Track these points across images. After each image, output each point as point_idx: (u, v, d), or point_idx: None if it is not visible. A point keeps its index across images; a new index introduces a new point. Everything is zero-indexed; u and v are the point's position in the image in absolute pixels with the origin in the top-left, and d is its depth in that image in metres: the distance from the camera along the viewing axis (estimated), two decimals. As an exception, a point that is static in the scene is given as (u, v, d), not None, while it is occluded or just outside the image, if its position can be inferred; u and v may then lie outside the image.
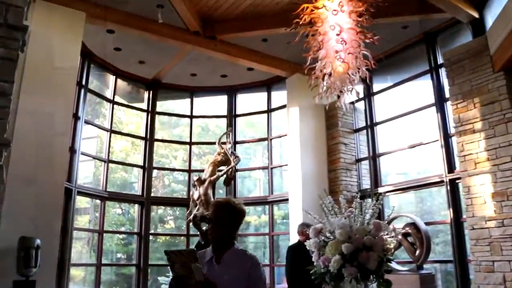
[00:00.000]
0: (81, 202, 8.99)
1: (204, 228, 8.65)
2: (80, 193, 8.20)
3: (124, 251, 11.12)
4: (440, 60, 7.95)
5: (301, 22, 4.86)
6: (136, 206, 9.72)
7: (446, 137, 7.61)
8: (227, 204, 2.82)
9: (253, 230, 11.39)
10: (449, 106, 7.38)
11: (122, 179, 11.38)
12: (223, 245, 2.77)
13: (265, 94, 10.56)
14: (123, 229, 11.46)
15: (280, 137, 10.19)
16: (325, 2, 4.77)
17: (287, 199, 9.05)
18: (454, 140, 7.14)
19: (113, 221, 11.19)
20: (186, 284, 2.49)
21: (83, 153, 8.30)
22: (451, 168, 7.43)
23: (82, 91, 8.40)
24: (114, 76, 9.61)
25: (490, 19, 6.79)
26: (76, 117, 8.05)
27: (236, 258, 2.73)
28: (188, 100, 10.73)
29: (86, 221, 9.56)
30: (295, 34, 5.15)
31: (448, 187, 7.36)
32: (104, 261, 9.04)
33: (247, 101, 10.91)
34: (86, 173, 9.40)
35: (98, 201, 8.93)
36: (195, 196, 8.67)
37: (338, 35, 4.60)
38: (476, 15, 7.00)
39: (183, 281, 2.51)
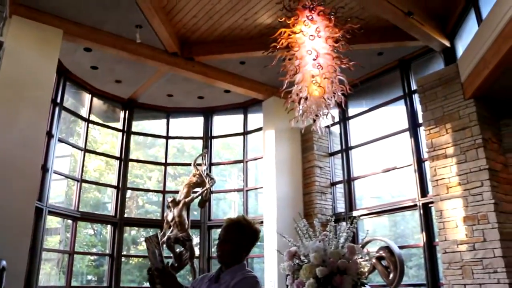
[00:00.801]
0: (52, 222, 8.78)
1: (177, 250, 8.55)
2: (51, 213, 8.02)
3: (95, 273, 10.86)
4: (413, 87, 8.13)
5: (278, 46, 4.93)
6: (109, 227, 9.54)
7: (419, 161, 7.74)
8: (239, 223, 2.62)
9: (227, 252, 11.23)
10: (422, 132, 7.53)
11: (95, 199, 11.19)
12: (229, 266, 2.57)
13: (241, 116, 10.59)
14: (94, 250, 11.21)
15: (256, 159, 10.21)
16: (302, 27, 4.86)
17: (262, 222, 9.01)
18: (427, 164, 7.26)
19: (84, 242, 10.95)
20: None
21: (55, 172, 8.15)
22: (424, 192, 7.54)
23: (57, 108, 8.30)
24: (90, 95, 9.52)
25: (460, 48, 7.01)
26: (49, 135, 7.92)
27: (231, 275, 2.52)
28: (164, 120, 10.69)
29: (57, 242, 9.32)
30: (272, 57, 5.21)
31: (421, 211, 7.45)
32: (73, 283, 8.79)
33: (223, 123, 10.92)
34: (58, 192, 9.21)
35: (69, 221, 8.75)
36: (169, 217, 8.59)
37: (314, 60, 4.68)
38: (447, 44, 7.22)
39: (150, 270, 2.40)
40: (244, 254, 2.63)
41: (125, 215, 9.60)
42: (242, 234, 2.59)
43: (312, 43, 4.81)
